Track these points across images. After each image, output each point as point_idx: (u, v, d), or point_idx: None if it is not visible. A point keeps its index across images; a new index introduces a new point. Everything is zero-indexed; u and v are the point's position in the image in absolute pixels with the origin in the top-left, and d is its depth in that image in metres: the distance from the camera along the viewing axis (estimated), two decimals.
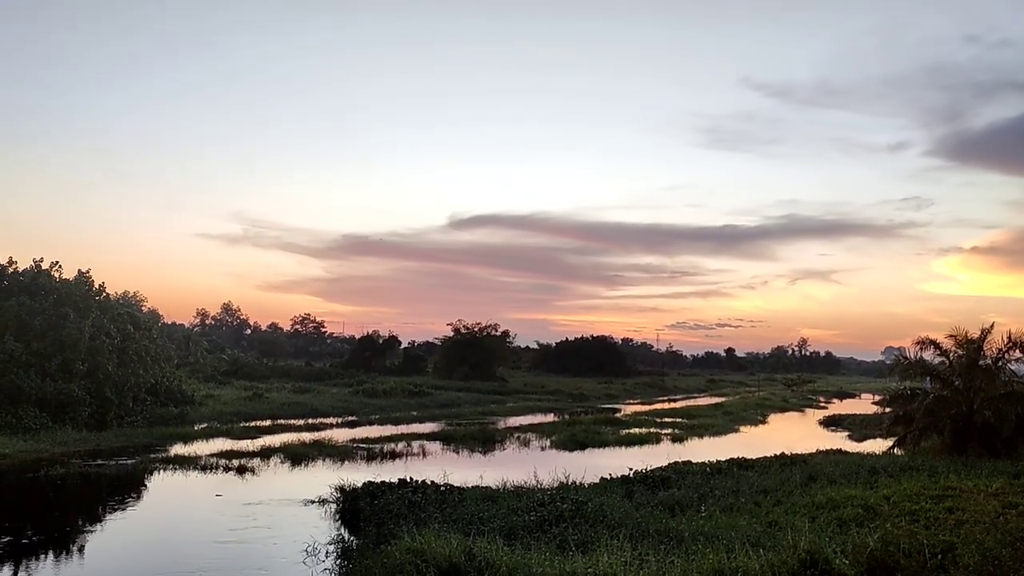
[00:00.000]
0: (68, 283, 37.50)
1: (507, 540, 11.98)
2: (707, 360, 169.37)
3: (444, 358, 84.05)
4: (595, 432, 36.33)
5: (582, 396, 68.82)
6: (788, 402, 72.12)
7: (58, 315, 34.45)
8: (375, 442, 32.14)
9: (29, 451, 26.72)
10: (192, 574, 13.48)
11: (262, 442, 30.72)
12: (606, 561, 10.41)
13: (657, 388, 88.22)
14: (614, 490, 17.43)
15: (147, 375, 38.38)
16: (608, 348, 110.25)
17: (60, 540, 15.87)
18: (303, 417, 42.94)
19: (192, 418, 38.51)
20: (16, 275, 36.73)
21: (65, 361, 33.85)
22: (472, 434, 35.22)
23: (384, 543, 12.58)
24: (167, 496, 21.75)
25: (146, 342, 40.19)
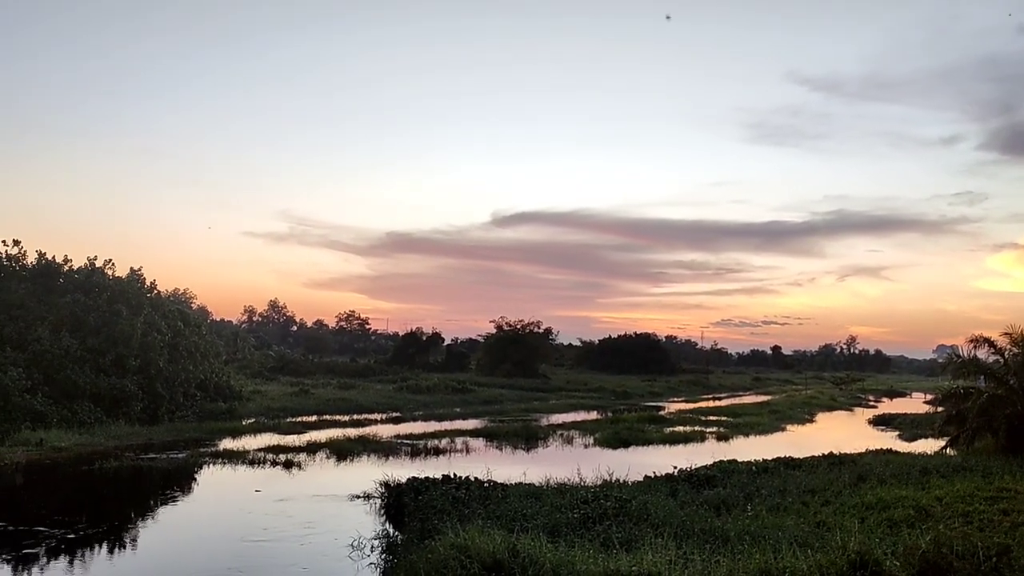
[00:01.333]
0: (121, 281, 38.40)
1: (551, 537, 11.97)
2: (753, 358, 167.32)
3: (487, 355, 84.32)
4: (639, 430, 36.12)
5: (625, 394, 68.50)
6: (836, 401, 70.91)
7: (111, 312, 35.30)
8: (419, 438, 32.36)
9: (84, 444, 27.42)
10: (239, 571, 13.68)
11: (308, 437, 31.13)
12: (650, 560, 10.34)
13: (701, 386, 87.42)
14: (658, 488, 17.30)
15: (197, 371, 39.13)
16: (652, 345, 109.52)
17: (109, 533, 16.23)
18: (348, 413, 43.43)
19: (240, 413, 39.17)
20: (71, 273, 37.72)
21: (118, 357, 34.68)
22: (515, 431, 35.27)
23: (428, 538, 12.65)
24: (216, 490, 22.15)
25: (195, 338, 40.97)
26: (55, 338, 33.54)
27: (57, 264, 37.80)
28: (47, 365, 32.79)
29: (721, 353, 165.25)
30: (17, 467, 23.44)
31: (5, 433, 27.38)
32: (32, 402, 30.96)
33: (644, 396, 68.91)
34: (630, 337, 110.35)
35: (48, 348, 33.05)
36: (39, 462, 24.41)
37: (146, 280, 40.43)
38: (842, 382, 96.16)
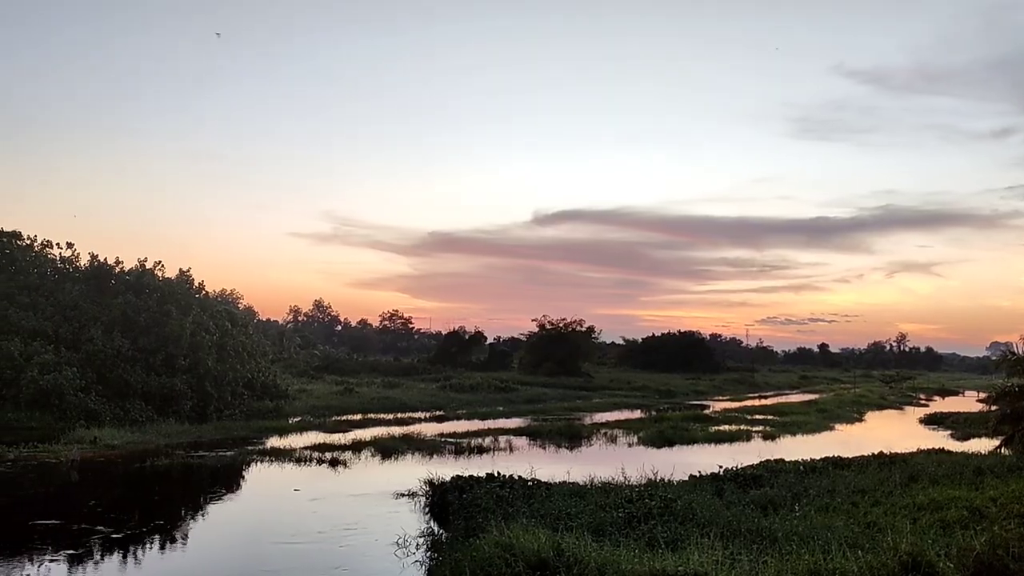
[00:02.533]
0: (170, 282, 39.17)
1: (595, 536, 11.93)
2: (799, 356, 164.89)
3: (530, 354, 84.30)
4: (683, 429, 35.81)
5: (669, 392, 67.98)
6: (886, 399, 69.55)
7: (161, 312, 36.02)
8: (462, 436, 32.47)
9: (136, 442, 28.02)
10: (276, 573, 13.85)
11: (353, 436, 31.43)
12: (697, 559, 10.25)
13: (747, 384, 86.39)
14: (704, 488, 17.13)
15: (244, 370, 39.74)
16: (695, 343, 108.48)
17: (156, 532, 16.49)
18: (392, 411, 43.78)
19: (286, 412, 39.70)
20: (122, 274, 38.60)
21: (168, 356, 35.38)
22: (558, 429, 35.21)
23: (473, 536, 12.69)
24: (261, 488, 22.47)
25: (243, 338, 41.61)
26: (108, 338, 34.34)
27: (109, 266, 38.70)
28: (100, 365, 33.60)
29: (767, 351, 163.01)
30: (72, 464, 24.06)
31: (61, 431, 28.10)
32: (86, 401, 31.75)
33: (688, 395, 68.31)
34: (674, 335, 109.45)
35: (101, 348, 33.85)
36: (93, 459, 25.02)
37: (194, 281, 41.22)
38: (892, 380, 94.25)
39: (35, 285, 36.66)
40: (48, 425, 29.57)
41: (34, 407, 31.13)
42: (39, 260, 39.15)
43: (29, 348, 32.42)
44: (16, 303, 34.58)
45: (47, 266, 39.17)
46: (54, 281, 38.00)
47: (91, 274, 38.39)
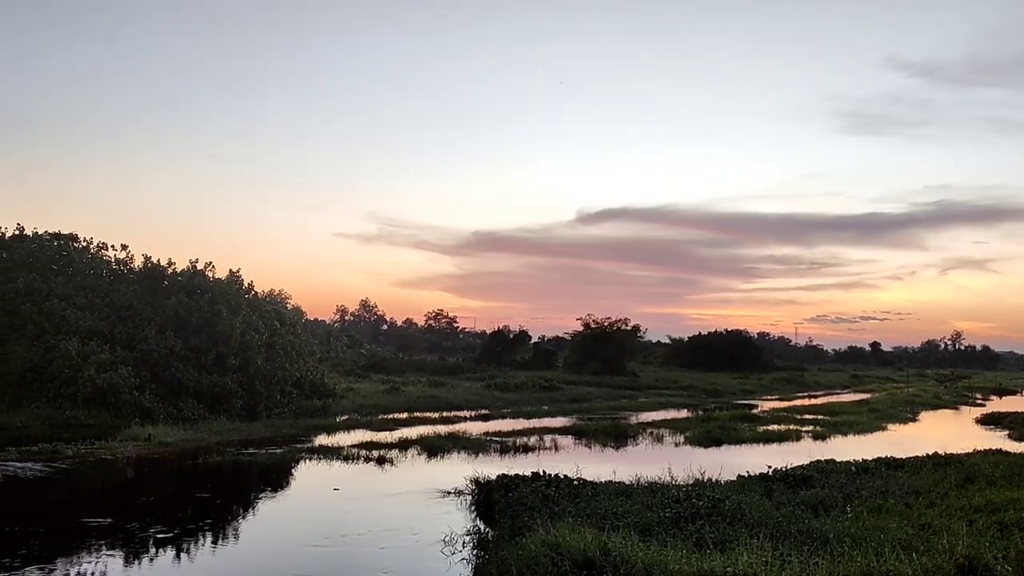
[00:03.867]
0: (221, 282, 39.93)
1: (642, 536, 11.85)
2: (850, 355, 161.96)
3: (574, 353, 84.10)
4: (731, 428, 35.38)
5: (716, 392, 67.26)
6: (940, 399, 67.88)
7: (212, 312, 36.73)
8: (507, 435, 32.52)
9: (189, 440, 28.61)
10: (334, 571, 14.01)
11: (400, 434, 31.66)
12: (745, 560, 10.12)
13: (796, 384, 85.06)
14: (752, 488, 16.90)
15: (293, 369, 40.33)
16: (743, 342, 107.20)
17: (206, 529, 16.74)
18: (438, 410, 44.03)
19: (334, 410, 40.19)
20: (175, 275, 39.48)
21: (219, 356, 36.07)
22: (604, 429, 35.06)
23: (519, 535, 12.70)
24: (309, 486, 22.74)
25: (291, 337, 42.23)
26: (161, 338, 35.12)
27: (162, 267, 39.61)
28: (154, 364, 34.39)
29: (816, 350, 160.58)
30: (128, 461, 24.67)
31: (117, 428, 28.82)
32: (141, 399, 32.55)
33: (736, 394, 67.51)
34: (721, 334, 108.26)
35: (155, 347, 34.64)
36: (148, 456, 25.61)
37: (244, 281, 41.97)
38: (947, 379, 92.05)
39: (91, 286, 37.66)
40: (105, 422, 30.38)
41: (91, 405, 32.03)
42: (95, 262, 40.24)
43: (86, 348, 33.32)
44: (74, 304, 35.54)
45: (103, 267, 40.24)
46: (109, 282, 39.01)
47: (145, 275, 39.32)
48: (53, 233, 40.34)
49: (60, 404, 32.23)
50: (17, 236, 39.66)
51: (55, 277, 37.04)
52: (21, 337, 33.87)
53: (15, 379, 32.80)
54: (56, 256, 38.98)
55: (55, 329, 34.13)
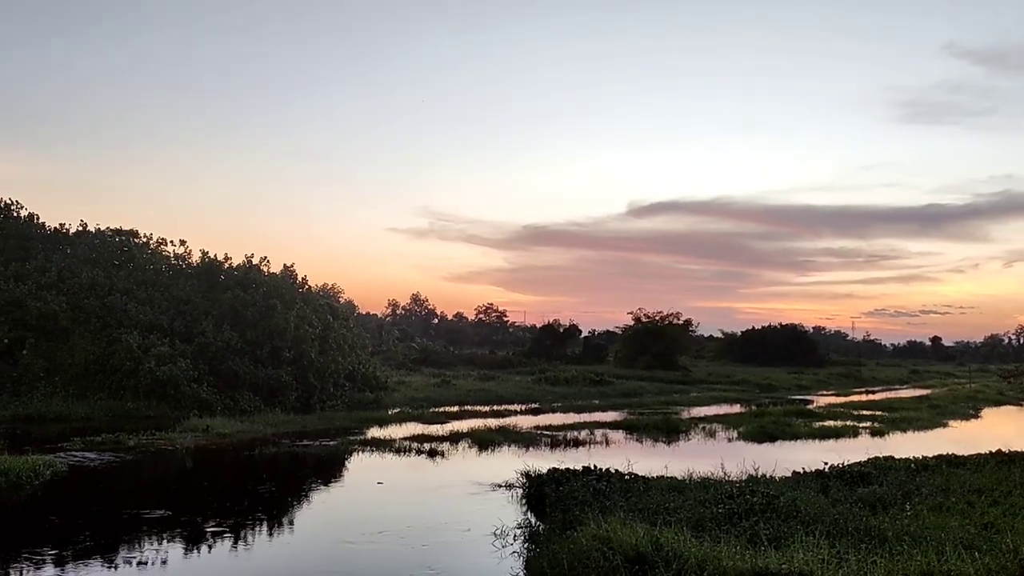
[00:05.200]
0: (275, 277, 40.66)
1: (694, 532, 11.72)
2: (909, 349, 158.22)
3: (625, 347, 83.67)
4: (785, 424, 34.82)
5: (770, 386, 66.23)
6: (1004, 395, 65.79)
7: (267, 306, 37.39)
8: (558, 429, 32.49)
9: (245, 431, 29.18)
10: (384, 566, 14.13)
11: (450, 427, 31.87)
12: (801, 558, 9.95)
13: (853, 379, 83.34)
14: (808, 485, 16.60)
15: (345, 362, 40.87)
16: (798, 336, 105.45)
17: (259, 522, 16.96)
18: (488, 404, 44.16)
19: (386, 403, 40.63)
20: (231, 270, 40.29)
21: (274, 349, 36.72)
22: (655, 424, 34.79)
23: (570, 529, 12.68)
24: (365, 477, 22.94)
25: (344, 331, 42.80)
26: (218, 331, 35.88)
27: (219, 262, 40.46)
28: (211, 357, 35.15)
29: (874, 344, 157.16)
30: (187, 451, 25.27)
31: (176, 420, 29.55)
32: (199, 391, 33.31)
33: (790, 389, 66.40)
34: (775, 328, 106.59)
35: (212, 341, 35.41)
36: (206, 447, 26.20)
37: (298, 276, 42.67)
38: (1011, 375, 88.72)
39: (151, 281, 38.64)
40: (164, 414, 31.20)
41: (151, 396, 32.90)
42: (155, 257, 41.30)
43: (147, 341, 34.20)
44: (135, 298, 36.51)
45: (162, 263, 41.29)
46: (169, 277, 39.99)
47: (202, 270, 40.21)
48: (115, 229, 41.53)
49: (122, 396, 33.17)
50: (81, 232, 40.89)
51: (117, 272, 38.08)
52: (85, 330, 34.90)
53: (79, 371, 33.84)
54: (118, 252, 40.08)
55: (117, 323, 35.09)
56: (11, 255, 37.13)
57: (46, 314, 34.29)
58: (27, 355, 33.97)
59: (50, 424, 29.38)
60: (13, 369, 33.57)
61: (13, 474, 18.60)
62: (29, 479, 18.87)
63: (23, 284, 34.95)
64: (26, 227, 39.66)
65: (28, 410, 30.99)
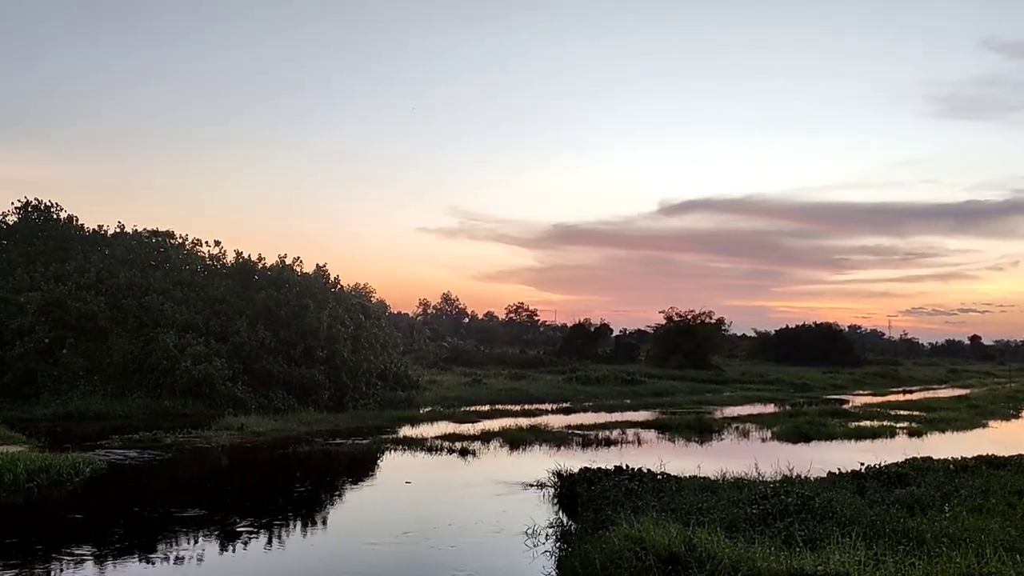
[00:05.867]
0: (308, 276, 41.02)
1: (728, 532, 11.63)
2: (948, 348, 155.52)
3: (657, 346, 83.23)
4: (820, 424, 34.40)
5: (805, 386, 65.49)
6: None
7: (300, 306, 37.74)
8: (589, 429, 32.41)
9: (279, 430, 29.48)
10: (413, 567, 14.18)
11: (482, 426, 31.93)
12: (837, 559, 9.82)
13: (890, 378, 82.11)
14: (844, 485, 16.37)
15: (377, 361, 41.12)
16: (833, 335, 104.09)
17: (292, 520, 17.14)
18: (519, 403, 44.19)
19: (417, 402, 40.81)
20: (265, 270, 40.72)
21: (307, 348, 37.04)
22: (688, 423, 34.56)
23: (602, 528, 12.64)
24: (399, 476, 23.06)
25: (376, 330, 43.07)
26: (252, 331, 36.29)
27: (253, 262, 40.92)
28: (246, 356, 35.57)
29: (911, 343, 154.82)
30: (222, 449, 25.59)
31: (211, 418, 29.92)
32: (234, 390, 33.72)
33: (825, 389, 65.61)
34: (809, 327, 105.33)
35: (246, 340, 35.82)
36: (241, 445, 26.51)
37: (330, 276, 43.00)
38: None
39: (187, 281, 39.17)
40: (200, 412, 31.63)
41: (188, 395, 33.38)
42: (190, 258, 41.88)
43: (183, 340, 34.68)
44: (171, 298, 37.04)
45: (198, 263, 41.85)
46: (204, 277, 40.51)
47: (236, 270, 40.68)
48: (151, 230, 42.21)
49: (159, 394, 33.69)
50: (118, 233, 41.58)
51: (154, 272, 38.66)
52: (123, 330, 35.47)
53: (118, 370, 34.41)
54: (154, 252, 40.70)
55: (154, 322, 35.63)
56: (51, 256, 37.84)
57: (85, 314, 34.90)
58: (67, 354, 34.62)
59: (90, 422, 29.94)
60: (54, 368, 34.23)
61: (54, 471, 18.97)
62: (70, 476, 19.23)
63: (63, 285, 35.61)
64: (66, 229, 40.41)
65: (68, 408, 31.61)
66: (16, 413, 30.29)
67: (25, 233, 39.31)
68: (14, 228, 39.76)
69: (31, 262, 37.09)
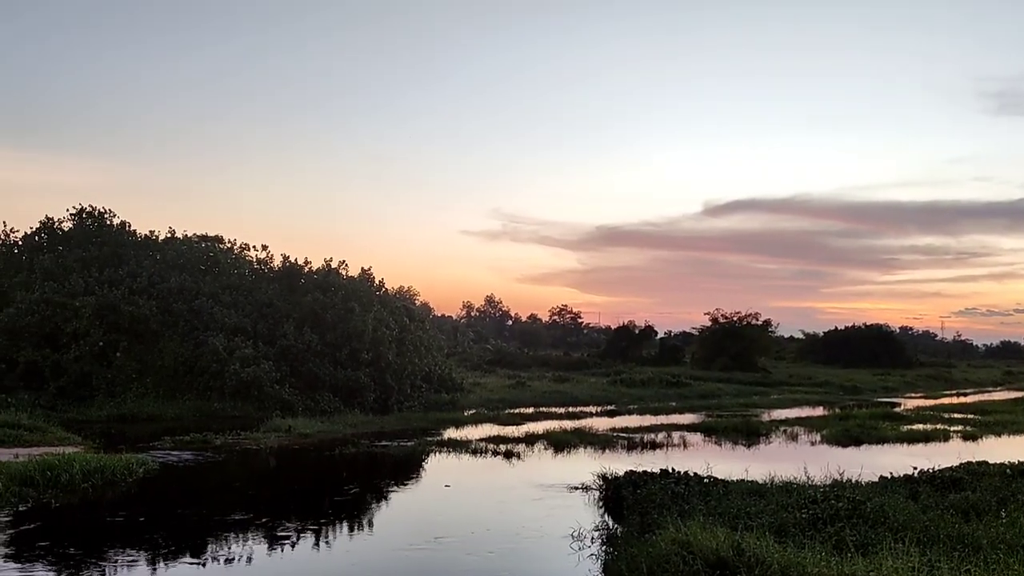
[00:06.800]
0: (353, 280, 41.43)
1: (777, 537, 11.46)
2: (1003, 350, 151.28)
3: (702, 348, 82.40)
4: (871, 427, 33.72)
5: (854, 389, 64.29)
6: None
7: (346, 309, 38.13)
8: (634, 431, 32.21)
9: (326, 432, 29.81)
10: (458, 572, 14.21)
11: (526, 429, 31.91)
12: (890, 565, 9.62)
13: (943, 381, 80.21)
14: (896, 490, 16.04)
15: (422, 364, 41.35)
16: (883, 337, 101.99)
17: (341, 520, 17.38)
18: (563, 405, 44.10)
19: (462, 404, 40.95)
20: (311, 274, 41.22)
21: (353, 351, 37.41)
22: (734, 426, 34.14)
23: (648, 532, 12.55)
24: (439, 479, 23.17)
25: (420, 333, 43.34)
26: (299, 334, 36.77)
27: (299, 266, 41.45)
28: (293, 358, 36.05)
29: (965, 345, 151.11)
30: (270, 451, 25.97)
31: (259, 420, 30.37)
32: (281, 392, 34.20)
33: (876, 391, 64.33)
34: (859, 328, 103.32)
35: (293, 343, 36.31)
36: (288, 447, 26.87)
37: (375, 279, 43.39)
38: None
39: (236, 285, 39.82)
40: (248, 414, 32.14)
41: (236, 397, 33.94)
42: (239, 262, 42.56)
43: (231, 343, 35.27)
44: (220, 302, 37.69)
45: (245, 267, 42.51)
46: (252, 281, 41.16)
47: (283, 274, 41.25)
48: (200, 235, 42.99)
49: (209, 396, 34.31)
50: (169, 239, 42.45)
51: (203, 277, 39.38)
52: (174, 333, 36.19)
53: (169, 373, 35.12)
54: (203, 257, 41.45)
55: (203, 326, 36.29)
56: (105, 261, 38.76)
57: (138, 318, 35.68)
58: (120, 357, 35.44)
59: (142, 424, 30.61)
60: (108, 371, 35.05)
61: (109, 471, 19.44)
62: (124, 476, 19.68)
63: (116, 289, 36.45)
64: (119, 235, 41.35)
65: (122, 410, 32.36)
66: (72, 415, 31.08)
67: (80, 239, 40.31)
68: (69, 234, 40.79)
69: (86, 267, 38.03)
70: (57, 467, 18.56)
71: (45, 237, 40.82)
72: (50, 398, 33.21)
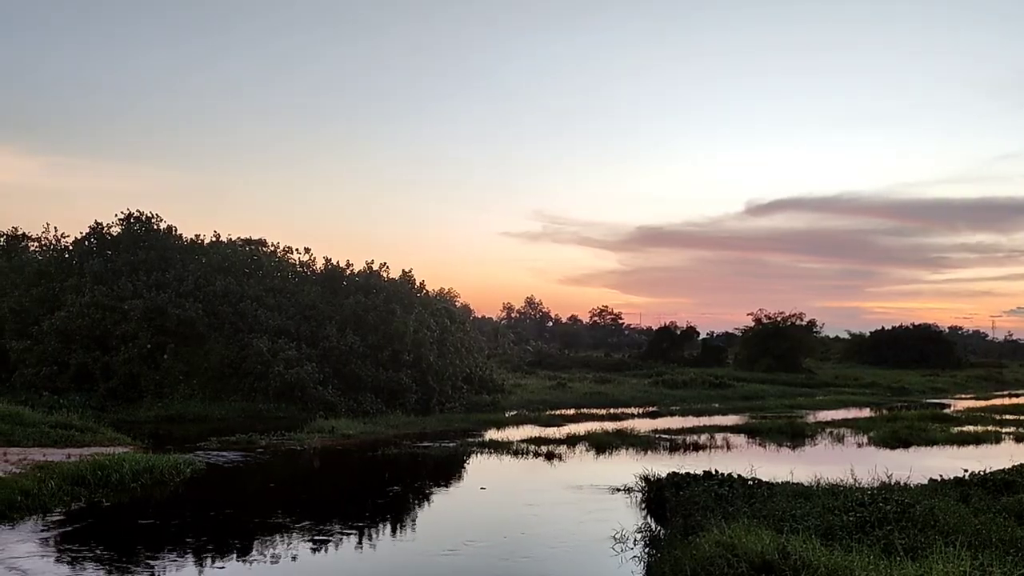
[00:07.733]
0: (395, 282, 41.74)
1: (823, 540, 11.28)
2: None
3: (745, 349, 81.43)
4: (920, 428, 33.06)
5: (902, 390, 63.08)
6: None
7: (387, 311, 38.44)
8: (677, 433, 31.99)
9: (368, 432, 30.08)
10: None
11: (567, 430, 31.85)
12: (940, 569, 9.41)
13: (994, 381, 78.29)
14: (946, 493, 15.69)
15: (463, 365, 41.51)
16: (932, 337, 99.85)
17: (384, 520, 17.50)
18: (604, 407, 43.93)
19: (503, 405, 41.01)
20: (353, 276, 41.63)
21: (394, 352, 37.69)
22: (779, 428, 33.71)
23: (691, 534, 12.44)
24: (479, 481, 23.23)
25: (461, 335, 43.49)
26: (341, 336, 37.15)
27: (341, 269, 41.89)
28: (335, 360, 36.42)
29: (1017, 345, 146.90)
30: (314, 451, 26.27)
31: (303, 421, 30.74)
32: (324, 393, 34.57)
33: (924, 392, 63.03)
34: (907, 328, 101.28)
35: (336, 345, 36.69)
36: (332, 447, 27.15)
37: (416, 281, 43.65)
38: None
39: (279, 288, 40.36)
40: (292, 415, 32.56)
41: (280, 399, 34.39)
42: (282, 265, 43.11)
43: (275, 345, 35.75)
44: (264, 304, 38.23)
45: (288, 270, 43.05)
46: (295, 284, 41.68)
47: (326, 276, 41.72)
48: (244, 239, 43.65)
49: (253, 397, 34.83)
50: (214, 242, 43.16)
51: (247, 280, 39.98)
52: (219, 336, 36.80)
53: (215, 374, 35.72)
54: (248, 260, 42.09)
55: (248, 328, 36.85)
56: (153, 265, 39.55)
57: (185, 321, 36.34)
58: (168, 359, 36.14)
59: (189, 424, 31.19)
60: (156, 373, 35.77)
61: (157, 471, 19.84)
62: (172, 476, 20.07)
63: (164, 292, 37.17)
64: (165, 239, 42.14)
65: (170, 411, 33.02)
66: (121, 416, 31.77)
67: (128, 243, 41.16)
68: (118, 239, 41.67)
69: (134, 271, 38.84)
70: (108, 467, 19.00)
71: (95, 242, 41.77)
72: (100, 399, 34.03)
